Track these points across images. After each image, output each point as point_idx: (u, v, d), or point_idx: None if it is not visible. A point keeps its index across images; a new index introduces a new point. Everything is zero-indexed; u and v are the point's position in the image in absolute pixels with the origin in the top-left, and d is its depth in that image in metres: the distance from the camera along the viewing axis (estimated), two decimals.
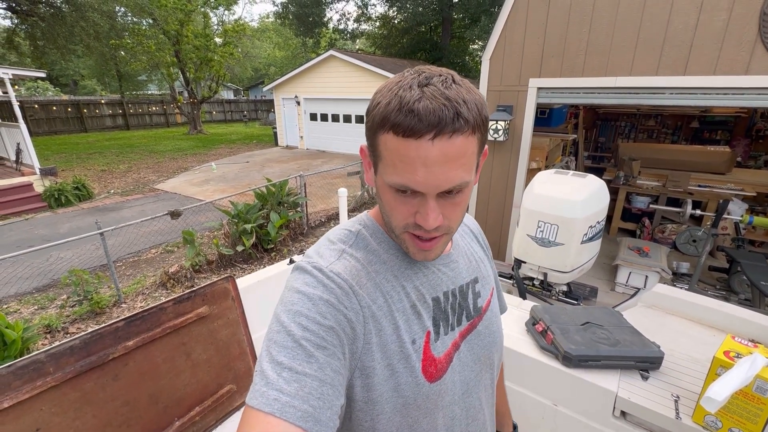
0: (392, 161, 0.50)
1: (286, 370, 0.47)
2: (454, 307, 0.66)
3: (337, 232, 0.65)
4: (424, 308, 0.61)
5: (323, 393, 0.47)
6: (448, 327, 0.64)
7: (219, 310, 1.54)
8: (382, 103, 0.50)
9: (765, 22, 2.62)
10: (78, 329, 3.51)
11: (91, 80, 27.37)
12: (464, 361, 0.66)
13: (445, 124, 0.46)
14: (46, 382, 1.08)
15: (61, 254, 4.77)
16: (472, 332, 0.68)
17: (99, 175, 9.89)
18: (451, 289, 0.66)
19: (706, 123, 6.84)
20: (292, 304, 0.52)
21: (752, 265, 3.44)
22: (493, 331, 0.73)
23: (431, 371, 0.60)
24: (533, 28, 3.42)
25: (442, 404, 0.63)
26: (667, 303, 1.76)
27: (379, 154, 0.52)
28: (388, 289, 0.59)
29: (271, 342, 0.50)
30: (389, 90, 0.50)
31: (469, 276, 0.71)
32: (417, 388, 0.58)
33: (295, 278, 0.57)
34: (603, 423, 1.31)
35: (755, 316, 1.60)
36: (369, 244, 0.62)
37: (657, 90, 3.07)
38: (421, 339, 0.60)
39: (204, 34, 16.06)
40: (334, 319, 0.52)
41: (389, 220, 0.57)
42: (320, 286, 0.54)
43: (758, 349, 1.10)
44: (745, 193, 4.74)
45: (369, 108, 0.53)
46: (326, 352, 0.50)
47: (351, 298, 0.55)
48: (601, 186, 2.11)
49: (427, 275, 0.64)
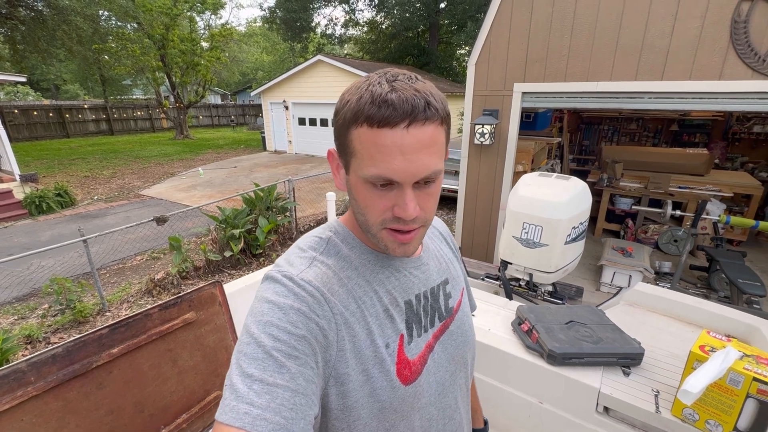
0: (368, 153, 0.50)
1: (257, 383, 0.46)
2: (427, 309, 0.66)
3: (307, 239, 0.64)
4: (397, 312, 0.62)
5: (296, 403, 0.46)
6: (422, 329, 0.65)
7: (206, 315, 1.53)
8: (353, 99, 0.51)
9: (736, 30, 2.73)
10: (60, 339, 3.42)
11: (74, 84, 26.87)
12: (438, 362, 0.67)
13: (418, 112, 0.48)
14: (27, 392, 1.06)
15: (43, 262, 4.65)
16: (445, 333, 0.69)
17: (82, 181, 9.69)
18: (422, 292, 0.66)
19: (686, 126, 7.05)
20: (262, 315, 0.51)
21: (730, 264, 3.56)
22: (465, 331, 0.73)
23: (406, 374, 0.60)
24: (517, 34, 3.50)
25: (418, 406, 0.63)
26: (648, 301, 1.80)
27: (352, 150, 0.53)
28: (361, 295, 0.59)
29: (241, 354, 0.49)
30: (357, 88, 0.52)
31: (440, 278, 0.71)
32: (392, 391, 0.58)
33: (265, 288, 0.56)
34: (587, 419, 1.34)
35: (730, 312, 1.66)
36: (340, 250, 0.62)
37: (636, 94, 3.16)
38: (394, 342, 0.60)
39: (190, 39, 15.92)
40: (306, 327, 0.51)
41: (365, 219, 0.56)
42: (291, 295, 0.53)
43: (732, 343, 1.15)
44: (722, 193, 4.90)
45: (337, 108, 0.54)
46: (298, 362, 0.49)
47: (323, 305, 0.54)
48: (584, 188, 2.16)
49: (399, 279, 0.64)
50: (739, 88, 2.79)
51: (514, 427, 1.52)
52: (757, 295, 3.14)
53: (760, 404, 1.01)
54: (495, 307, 1.81)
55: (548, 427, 1.44)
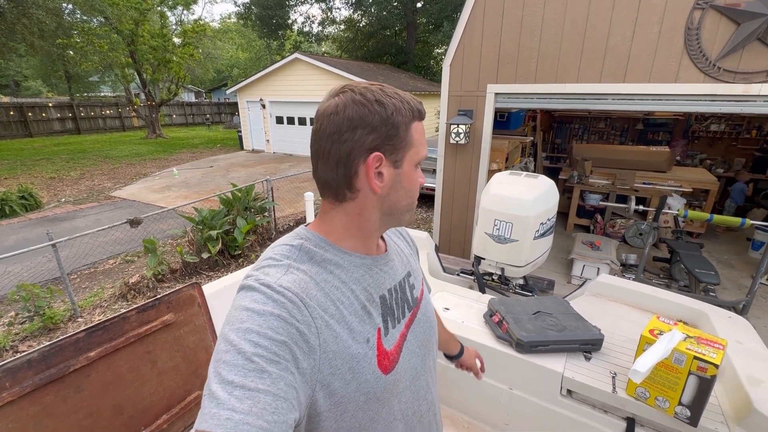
0: (420, 141, 0.66)
1: (238, 389, 0.46)
2: (398, 301, 0.72)
3: (277, 249, 0.65)
4: (374, 307, 0.66)
5: (278, 407, 0.47)
6: (395, 320, 0.70)
7: (185, 316, 1.54)
8: (405, 104, 0.63)
9: (689, 36, 2.92)
10: (29, 347, 3.31)
11: (36, 81, 25.54)
12: (411, 348, 0.72)
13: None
14: (2, 397, 1.06)
15: (8, 268, 4.45)
16: (414, 321, 0.75)
17: (48, 182, 9.26)
18: (393, 286, 0.72)
19: (650, 125, 7.42)
20: (241, 322, 0.51)
21: (689, 255, 3.80)
22: (429, 317, 0.81)
23: (385, 364, 0.65)
24: (489, 36, 3.61)
25: (396, 392, 0.68)
26: (610, 291, 1.93)
27: (410, 142, 0.64)
28: (338, 296, 0.61)
29: (220, 363, 0.48)
30: (404, 98, 0.64)
31: (404, 271, 0.77)
32: (376, 382, 0.62)
33: (242, 297, 0.56)
34: (552, 402, 1.44)
35: (683, 299, 1.80)
36: (313, 255, 0.63)
37: (600, 96, 3.33)
38: (374, 336, 0.64)
39: (161, 35, 15.40)
40: (287, 333, 0.52)
41: (412, 200, 0.68)
42: (270, 302, 0.54)
43: (677, 326, 1.26)
44: (683, 189, 5.20)
45: (394, 111, 0.61)
46: (279, 367, 0.49)
47: (302, 310, 0.55)
48: (551, 185, 2.28)
49: (372, 276, 0.68)
50: (692, 91, 2.99)
51: (487, 413, 1.61)
52: (712, 283, 3.38)
53: (700, 380, 1.13)
54: (469, 300, 1.90)
55: (518, 412, 1.53)
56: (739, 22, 2.76)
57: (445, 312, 1.77)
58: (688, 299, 1.78)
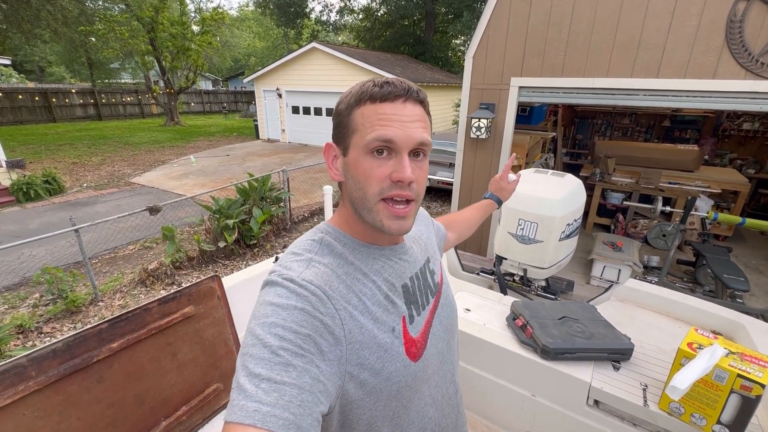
0: (370, 123, 0.58)
1: (265, 381, 0.47)
2: (421, 288, 0.72)
3: (299, 243, 0.66)
4: (396, 296, 0.66)
5: (303, 400, 0.47)
6: (420, 308, 0.70)
7: (205, 309, 1.54)
8: (354, 90, 0.61)
9: (731, 29, 2.76)
10: (53, 329, 3.40)
11: (59, 67, 26.06)
12: (437, 333, 0.73)
13: (411, 92, 0.60)
14: (29, 386, 1.07)
15: (33, 251, 4.59)
16: (438, 307, 0.75)
17: (70, 167, 9.49)
18: (414, 273, 0.72)
19: (677, 122, 7.13)
20: (266, 317, 0.52)
21: (716, 259, 3.65)
22: (450, 300, 0.81)
23: (413, 351, 0.65)
24: (515, 27, 3.48)
25: (426, 377, 0.69)
26: (638, 297, 1.85)
27: (354, 127, 0.60)
28: (360, 287, 0.62)
29: (246, 356, 0.50)
30: (358, 85, 0.62)
31: (423, 258, 0.78)
32: (405, 370, 0.62)
33: (266, 292, 0.57)
34: (577, 411, 1.39)
35: (716, 308, 1.71)
36: (334, 248, 0.64)
37: (632, 91, 3.19)
38: (399, 325, 0.64)
39: (180, 22, 15.50)
40: (311, 326, 0.52)
41: (364, 193, 0.60)
42: (293, 296, 0.54)
43: (718, 340, 1.19)
44: (711, 190, 4.99)
45: (338, 104, 0.64)
46: (304, 360, 0.50)
47: (326, 303, 0.56)
48: (579, 185, 2.19)
49: (392, 266, 0.68)
50: (732, 88, 2.83)
51: (508, 419, 1.57)
52: (740, 290, 3.24)
53: (743, 399, 1.06)
54: (490, 302, 1.85)
55: (540, 419, 1.48)
56: None
57: (465, 314, 1.73)
58: (723, 309, 1.69)
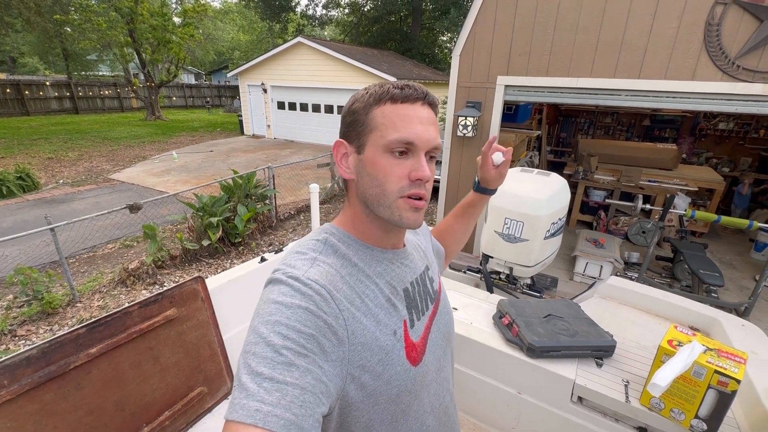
0: (392, 123, 0.59)
1: (267, 380, 0.46)
2: (421, 294, 0.73)
3: (304, 243, 0.66)
4: (398, 300, 0.66)
5: (305, 401, 0.47)
6: (420, 313, 0.71)
7: (188, 311, 1.50)
8: (372, 90, 0.62)
9: (709, 32, 2.83)
10: (27, 331, 3.28)
11: (33, 58, 25.03)
12: (435, 340, 0.73)
13: (428, 96, 0.62)
14: (0, 396, 1.02)
15: (5, 251, 4.41)
16: (436, 314, 0.76)
17: (45, 163, 9.15)
18: (414, 279, 0.73)
19: (657, 121, 7.32)
20: (270, 315, 0.52)
21: (693, 255, 3.77)
22: (448, 309, 0.82)
23: (413, 356, 0.65)
24: (501, 27, 3.50)
25: (424, 383, 0.69)
26: (620, 294, 1.90)
27: (373, 127, 0.61)
28: (363, 289, 0.62)
29: (249, 354, 0.49)
30: (375, 86, 0.63)
31: (423, 265, 0.78)
32: (405, 374, 0.62)
33: (270, 290, 0.57)
34: (562, 408, 1.41)
35: (694, 305, 1.77)
36: (338, 249, 0.64)
37: (614, 91, 3.25)
38: (400, 329, 0.64)
39: (161, 14, 15.06)
40: (314, 326, 0.52)
41: (382, 190, 0.61)
42: (298, 295, 0.54)
43: (696, 337, 1.23)
44: (688, 188, 5.15)
45: (353, 102, 0.64)
46: (307, 360, 0.50)
47: (330, 303, 0.55)
48: (563, 185, 2.22)
49: (394, 269, 0.68)
50: (709, 89, 2.91)
51: (494, 416, 1.59)
52: (715, 285, 3.36)
53: (720, 394, 1.09)
54: (477, 300, 1.86)
55: (526, 417, 1.51)
56: (762, 19, 2.67)
57: (453, 312, 1.74)
58: (701, 305, 1.75)
